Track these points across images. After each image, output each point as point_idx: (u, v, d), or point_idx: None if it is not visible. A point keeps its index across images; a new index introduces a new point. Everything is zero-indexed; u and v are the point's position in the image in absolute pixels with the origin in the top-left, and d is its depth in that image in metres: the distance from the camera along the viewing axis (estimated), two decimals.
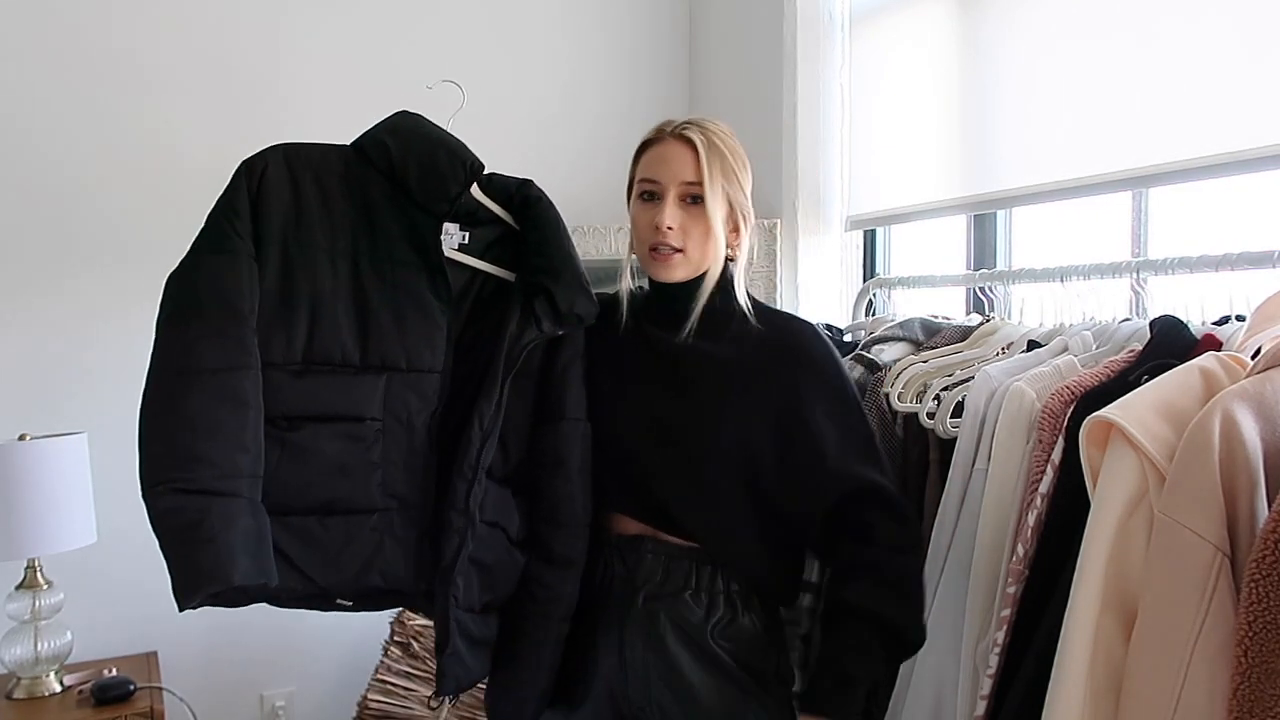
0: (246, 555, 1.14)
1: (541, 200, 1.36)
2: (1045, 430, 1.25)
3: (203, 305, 1.18)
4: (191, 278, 1.20)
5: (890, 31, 2.26)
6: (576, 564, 1.36)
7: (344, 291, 1.24)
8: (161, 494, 1.12)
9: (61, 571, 2.10)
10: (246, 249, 1.20)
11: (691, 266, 1.35)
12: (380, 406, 1.25)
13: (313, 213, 1.24)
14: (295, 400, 1.22)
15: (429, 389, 1.28)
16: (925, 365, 1.61)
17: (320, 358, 1.24)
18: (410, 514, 1.28)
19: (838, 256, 2.46)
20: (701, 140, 1.32)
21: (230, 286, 1.18)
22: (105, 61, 2.31)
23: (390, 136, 1.30)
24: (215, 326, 1.17)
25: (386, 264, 1.27)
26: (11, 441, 1.99)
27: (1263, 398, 0.99)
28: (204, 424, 1.13)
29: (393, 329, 1.26)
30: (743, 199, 1.37)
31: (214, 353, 1.16)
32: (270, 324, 1.21)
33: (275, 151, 1.27)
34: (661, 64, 2.89)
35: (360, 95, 2.56)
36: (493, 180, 1.37)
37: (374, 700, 2.26)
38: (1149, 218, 1.71)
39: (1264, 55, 1.41)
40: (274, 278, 1.22)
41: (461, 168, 1.29)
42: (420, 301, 1.28)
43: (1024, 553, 1.23)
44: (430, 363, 1.29)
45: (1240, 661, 0.90)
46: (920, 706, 1.39)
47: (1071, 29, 1.73)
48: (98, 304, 2.33)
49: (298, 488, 1.21)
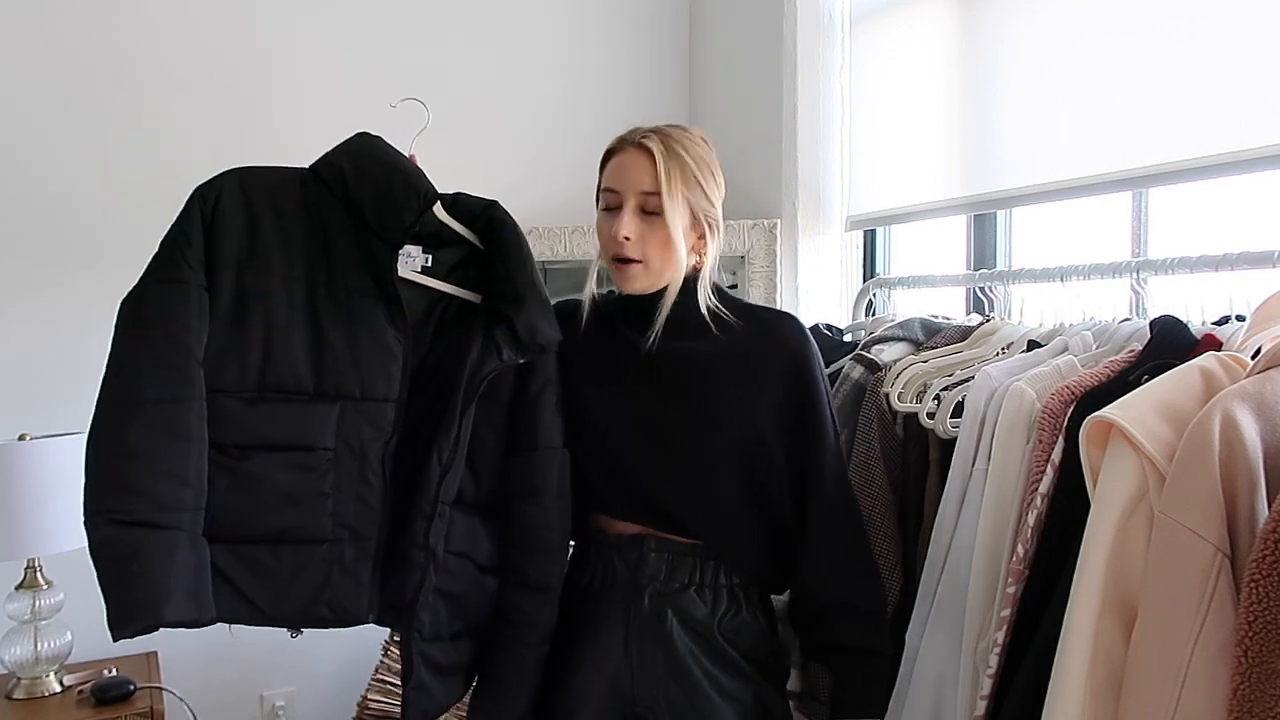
0: (181, 591, 1.14)
1: (506, 224, 1.35)
2: (1045, 430, 1.25)
3: (149, 336, 1.17)
4: (139, 307, 1.18)
5: (890, 31, 2.26)
6: (553, 589, 1.36)
7: (299, 319, 1.22)
8: (100, 524, 1.12)
9: (61, 571, 2.10)
10: (197, 279, 1.18)
11: (652, 276, 1.34)
12: (333, 436, 1.23)
13: (268, 239, 1.22)
14: (247, 428, 1.20)
15: (383, 419, 1.26)
16: (925, 365, 1.61)
17: (273, 385, 1.22)
18: (361, 545, 1.26)
19: (838, 256, 2.46)
20: (660, 149, 1.31)
21: (177, 318, 1.17)
22: (101, 62, 2.31)
23: (346, 161, 1.28)
24: (160, 358, 1.16)
25: (342, 291, 1.25)
26: (11, 441, 1.99)
27: (1263, 398, 0.99)
28: (145, 456, 1.13)
29: (347, 357, 1.24)
30: (707, 205, 1.35)
31: (157, 385, 1.15)
32: (223, 351, 1.19)
33: (230, 176, 1.26)
34: (661, 64, 2.89)
35: (357, 97, 2.56)
36: (458, 200, 1.36)
37: (374, 700, 2.26)
38: (1149, 218, 1.71)
39: (1264, 55, 1.41)
40: (227, 304, 1.20)
41: (415, 196, 1.26)
42: (375, 330, 1.26)
43: (1024, 553, 1.23)
44: (385, 392, 1.27)
45: (1240, 661, 0.90)
46: (920, 706, 1.39)
47: (1071, 29, 1.73)
48: (97, 304, 2.31)
49: (248, 516, 1.20)
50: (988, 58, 1.95)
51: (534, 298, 1.30)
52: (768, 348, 1.37)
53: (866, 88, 2.35)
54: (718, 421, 1.34)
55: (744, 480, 1.35)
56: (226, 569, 1.19)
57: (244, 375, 1.21)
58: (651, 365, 1.36)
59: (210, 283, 1.19)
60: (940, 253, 2.27)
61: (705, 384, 1.35)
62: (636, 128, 1.36)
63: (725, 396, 1.34)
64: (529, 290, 1.30)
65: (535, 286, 1.31)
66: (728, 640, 1.35)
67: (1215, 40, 1.48)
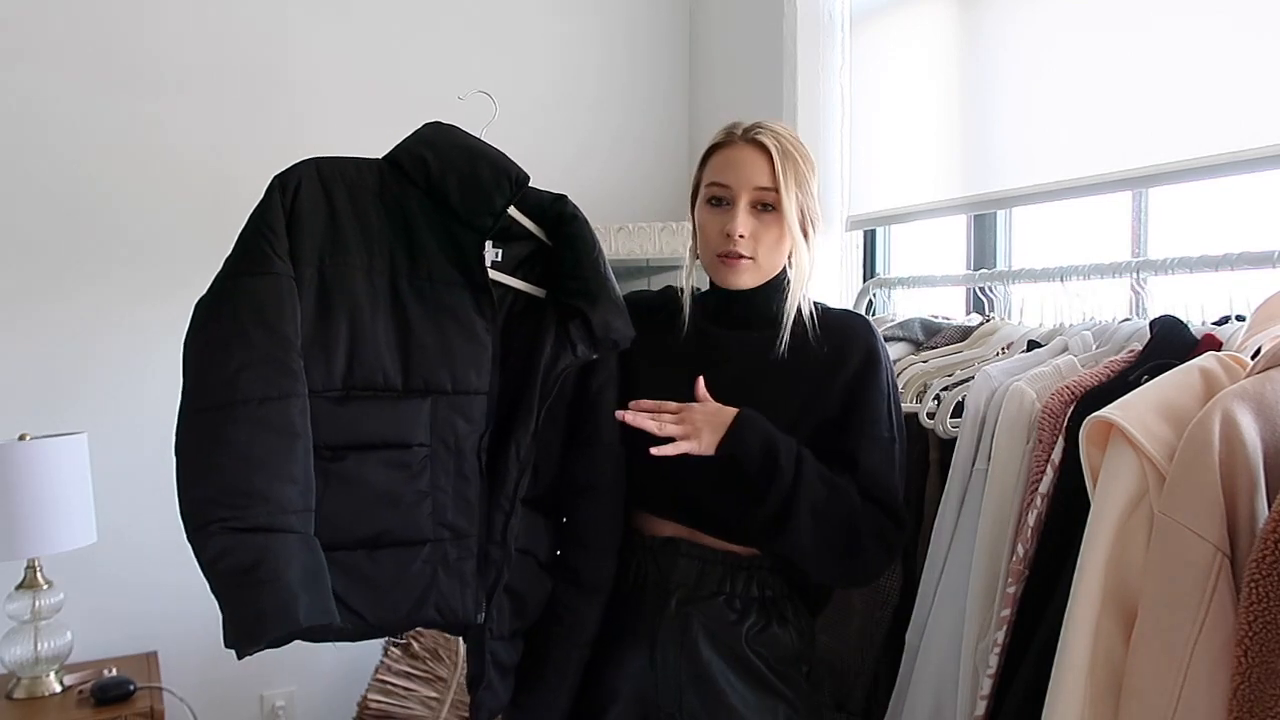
0: (308, 594, 1.06)
1: (577, 218, 1.32)
2: (1045, 430, 1.25)
3: (244, 330, 1.09)
4: (230, 302, 1.11)
5: (890, 31, 2.26)
6: (603, 589, 1.35)
7: (383, 312, 1.18)
8: (213, 535, 1.03)
9: (61, 571, 2.10)
10: (285, 269, 1.13)
11: (760, 273, 1.33)
12: (427, 431, 1.19)
13: (348, 230, 1.18)
14: (337, 428, 1.14)
15: (476, 411, 1.23)
16: (925, 365, 1.61)
17: (361, 383, 1.17)
18: (463, 543, 1.23)
19: (838, 256, 2.46)
20: (775, 145, 1.29)
21: (273, 310, 1.10)
22: (110, 63, 2.31)
23: (428, 149, 1.24)
24: (261, 353, 1.08)
25: (426, 282, 1.21)
26: (11, 441, 1.99)
27: (1263, 398, 0.99)
28: (254, 458, 1.06)
29: (436, 350, 1.20)
30: (813, 204, 1.35)
31: (260, 382, 1.08)
32: (309, 349, 1.13)
33: (308, 165, 1.20)
34: (662, 64, 2.89)
35: (365, 94, 2.57)
36: (526, 195, 1.32)
37: (374, 700, 2.26)
38: (1149, 218, 1.71)
39: (1264, 55, 1.41)
40: (311, 300, 1.14)
41: (506, 180, 1.24)
42: (464, 321, 1.23)
43: (1024, 553, 1.23)
44: (477, 384, 1.23)
45: (1240, 661, 0.90)
46: (920, 706, 1.39)
47: (1071, 29, 1.73)
48: (98, 304, 2.33)
49: (344, 521, 1.14)
50: (988, 58, 1.95)
51: (606, 294, 1.28)
52: (841, 354, 1.33)
53: (866, 88, 2.35)
54: (795, 423, 1.30)
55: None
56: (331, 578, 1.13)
57: (330, 373, 1.15)
58: (730, 363, 1.34)
59: (294, 275, 1.14)
60: (940, 253, 2.27)
61: (780, 388, 1.32)
62: (738, 122, 1.34)
63: (796, 403, 1.31)
64: (601, 286, 1.28)
65: (606, 282, 1.29)
66: (755, 653, 1.31)
67: (1215, 40, 1.48)
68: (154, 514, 2.35)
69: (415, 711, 2.26)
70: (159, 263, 2.38)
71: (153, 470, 2.34)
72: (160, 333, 2.38)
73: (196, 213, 2.41)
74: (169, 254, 2.39)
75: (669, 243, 2.44)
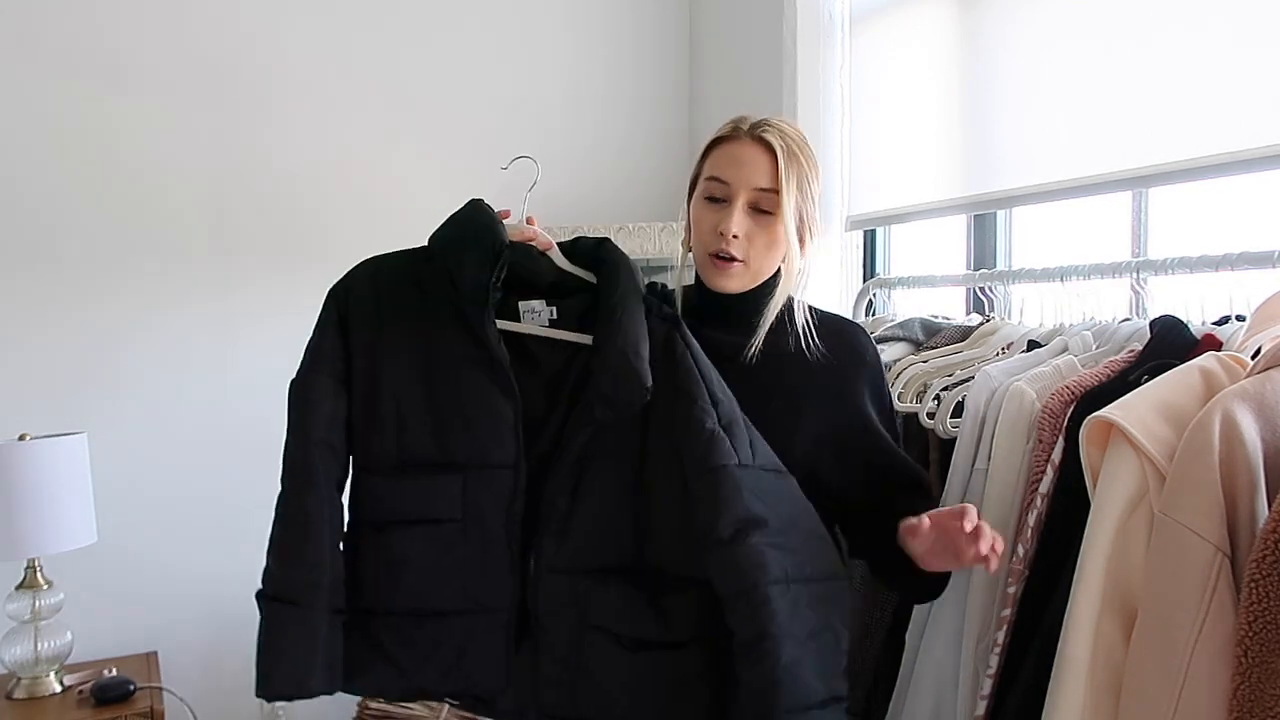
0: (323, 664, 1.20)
1: (606, 262, 1.26)
2: (1045, 430, 1.25)
3: (291, 428, 1.25)
4: (291, 398, 1.26)
5: (890, 31, 2.26)
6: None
7: (419, 394, 1.24)
8: (260, 597, 1.23)
9: (61, 571, 2.10)
10: (333, 369, 1.25)
11: (749, 278, 1.28)
12: (459, 506, 1.22)
13: (390, 324, 1.26)
14: (385, 503, 1.25)
15: (502, 485, 1.22)
16: (925, 365, 1.61)
17: (407, 461, 1.25)
18: (492, 616, 1.23)
19: (838, 256, 2.46)
20: (781, 145, 1.24)
21: (308, 410, 1.24)
22: (92, 65, 2.31)
23: (437, 241, 1.29)
24: (290, 451, 1.24)
25: (449, 362, 1.24)
26: (11, 441, 1.99)
27: (1263, 398, 0.99)
28: (281, 541, 1.23)
29: (461, 426, 1.23)
30: (813, 209, 1.30)
31: (290, 477, 1.24)
32: (366, 431, 1.25)
33: (362, 270, 1.31)
34: (662, 64, 2.89)
35: (357, 97, 2.57)
36: (577, 245, 1.30)
37: (374, 701, 2.26)
38: (1149, 218, 1.71)
39: (1264, 56, 1.41)
40: (364, 388, 1.26)
41: (487, 260, 1.22)
42: (483, 395, 1.22)
43: (1024, 553, 1.23)
44: (500, 458, 1.22)
45: (1240, 661, 0.90)
46: (920, 706, 1.39)
47: (1072, 29, 1.74)
48: (98, 304, 2.33)
49: (391, 591, 1.24)
50: (988, 58, 1.95)
51: (614, 346, 1.18)
52: (842, 357, 1.30)
53: (866, 88, 2.35)
54: (796, 433, 1.27)
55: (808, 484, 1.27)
56: (384, 641, 1.24)
57: (385, 452, 1.25)
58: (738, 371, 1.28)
59: (349, 370, 1.26)
60: (940, 253, 2.27)
61: (789, 394, 1.29)
62: (745, 116, 1.29)
63: (804, 402, 1.29)
64: (610, 339, 1.19)
65: (619, 330, 1.19)
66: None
67: (1215, 40, 1.48)
68: (154, 514, 2.36)
69: (415, 712, 2.26)
70: (159, 263, 2.38)
71: (153, 470, 2.36)
72: (160, 333, 2.38)
73: (196, 214, 2.41)
74: (169, 254, 2.39)
75: (669, 243, 2.44)
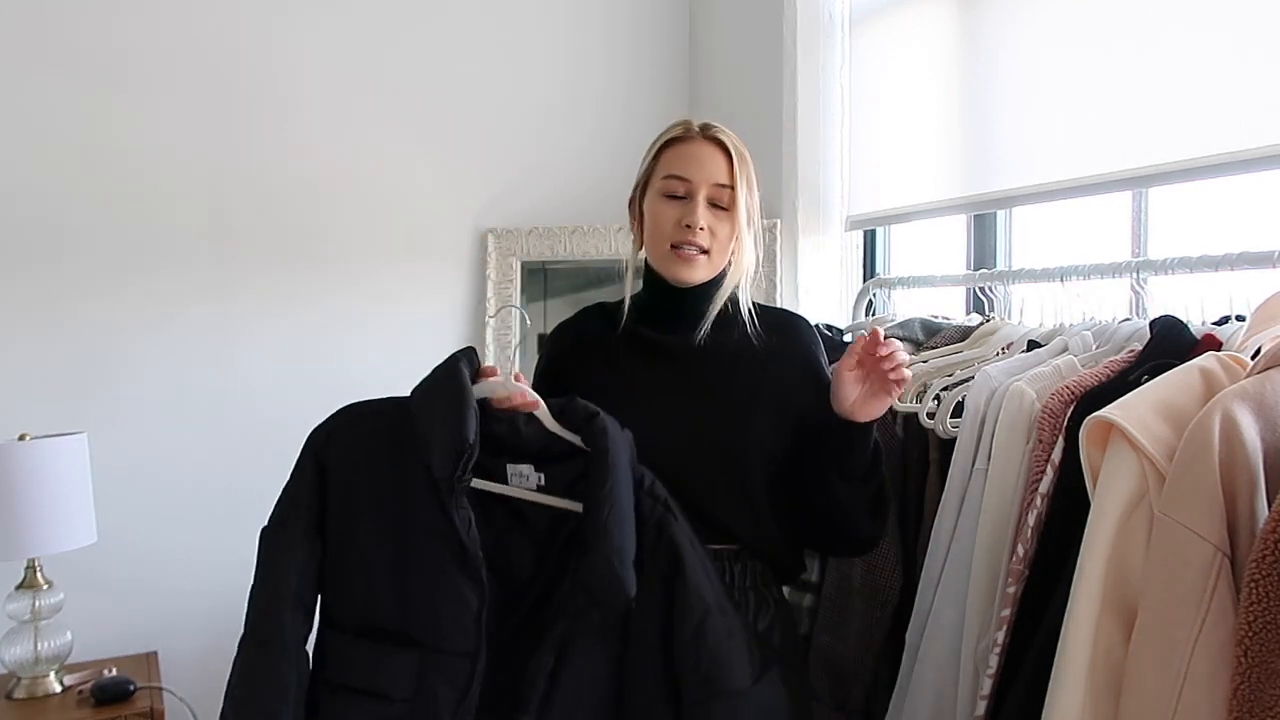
0: None
1: (595, 446, 1.18)
2: (1045, 430, 1.25)
3: (259, 578, 1.22)
4: (260, 548, 1.23)
5: (890, 31, 2.26)
6: None
7: (388, 558, 1.19)
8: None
9: (61, 571, 2.10)
10: (306, 523, 1.21)
11: (710, 268, 1.37)
12: (410, 687, 1.16)
13: (365, 485, 1.21)
14: (342, 666, 1.20)
15: (458, 673, 1.15)
16: (925, 365, 1.61)
17: (366, 627, 1.19)
18: None
19: (838, 256, 2.46)
20: (732, 146, 1.35)
21: (278, 565, 1.21)
22: (102, 61, 2.31)
23: (415, 406, 1.23)
24: (258, 603, 1.21)
25: (421, 532, 1.18)
26: (11, 441, 1.99)
27: (1263, 398, 0.99)
28: (242, 698, 1.22)
29: (423, 603, 1.18)
30: (757, 207, 1.41)
31: (254, 629, 1.21)
32: (334, 587, 1.22)
33: (342, 419, 1.25)
34: (661, 64, 2.89)
35: (355, 96, 2.57)
36: (568, 409, 1.24)
37: None
38: (1149, 218, 1.71)
39: (1264, 56, 1.41)
40: (335, 546, 1.22)
41: (452, 454, 1.15)
42: (449, 578, 1.17)
43: (1024, 553, 1.23)
44: (460, 645, 1.16)
45: (1240, 661, 0.90)
46: (920, 706, 1.39)
47: (1071, 29, 1.74)
48: (98, 304, 2.33)
49: None
50: (988, 58, 1.95)
51: (600, 544, 1.13)
52: (786, 346, 1.39)
53: (866, 88, 2.35)
54: (752, 420, 1.34)
55: (769, 472, 1.34)
56: None
57: (349, 611, 1.21)
58: (689, 366, 1.37)
59: (321, 524, 1.22)
60: (940, 253, 2.27)
61: (741, 384, 1.36)
62: (689, 119, 1.40)
63: (755, 393, 1.35)
64: (597, 533, 1.13)
65: (606, 535, 1.13)
66: (763, 641, 1.32)
67: (1215, 40, 1.48)
68: (154, 514, 2.36)
69: None
70: (161, 263, 2.38)
71: (153, 470, 2.36)
72: (161, 333, 2.38)
73: (198, 213, 2.41)
74: (169, 254, 2.39)
75: None
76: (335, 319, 2.55)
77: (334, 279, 2.55)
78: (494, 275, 2.63)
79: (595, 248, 2.61)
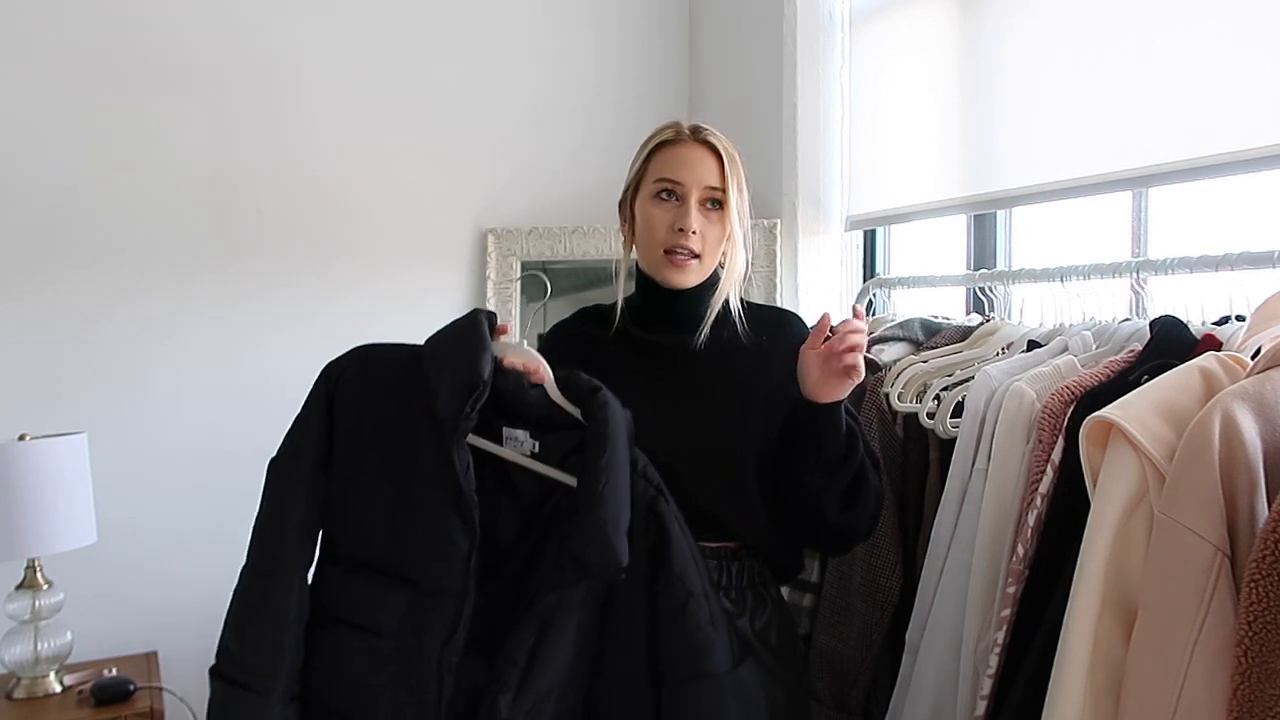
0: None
1: (596, 416, 1.18)
2: (1045, 430, 1.25)
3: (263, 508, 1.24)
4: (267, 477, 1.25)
5: (890, 31, 2.26)
6: None
7: (387, 495, 1.21)
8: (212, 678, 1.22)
9: (61, 571, 2.10)
10: (314, 455, 1.23)
11: (702, 272, 1.37)
12: (397, 623, 1.18)
13: (370, 422, 1.23)
14: (336, 598, 1.22)
15: (446, 614, 1.17)
16: (925, 365, 1.61)
17: (362, 562, 1.21)
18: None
19: (838, 256, 2.46)
20: (723, 148, 1.35)
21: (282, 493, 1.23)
22: (101, 61, 2.31)
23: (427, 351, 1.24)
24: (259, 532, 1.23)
25: (420, 473, 1.20)
26: (11, 441, 1.99)
27: (1263, 398, 0.99)
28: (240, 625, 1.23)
29: (417, 544, 1.19)
30: (747, 209, 1.40)
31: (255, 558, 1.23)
32: (335, 520, 1.23)
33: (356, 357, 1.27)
34: (661, 64, 2.89)
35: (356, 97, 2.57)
36: (570, 380, 1.24)
37: None
38: (1149, 218, 1.71)
39: (1263, 56, 1.41)
40: (340, 476, 1.23)
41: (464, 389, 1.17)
42: (442, 519, 1.18)
43: (1024, 553, 1.23)
44: (448, 586, 1.17)
45: (1240, 661, 0.90)
46: (920, 706, 1.39)
47: (1072, 29, 1.74)
48: (98, 303, 2.33)
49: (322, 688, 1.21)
50: (988, 58, 1.95)
51: (595, 511, 1.13)
52: (778, 343, 1.38)
53: (866, 88, 2.35)
54: (746, 419, 1.34)
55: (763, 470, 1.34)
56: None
57: (347, 544, 1.23)
58: (683, 367, 1.37)
59: (327, 459, 1.24)
60: (940, 253, 2.27)
61: (733, 384, 1.36)
62: (678, 122, 1.39)
63: (749, 391, 1.35)
64: (592, 500, 1.13)
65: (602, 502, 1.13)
66: (760, 640, 1.33)
67: (1215, 40, 1.48)
68: (154, 514, 2.36)
69: None
70: (160, 263, 2.38)
71: (153, 470, 2.36)
72: (161, 333, 2.38)
73: (197, 212, 2.42)
74: (170, 254, 2.39)
75: None
76: (335, 318, 2.55)
77: (334, 279, 2.55)
78: (494, 275, 2.63)
79: (595, 248, 2.62)
